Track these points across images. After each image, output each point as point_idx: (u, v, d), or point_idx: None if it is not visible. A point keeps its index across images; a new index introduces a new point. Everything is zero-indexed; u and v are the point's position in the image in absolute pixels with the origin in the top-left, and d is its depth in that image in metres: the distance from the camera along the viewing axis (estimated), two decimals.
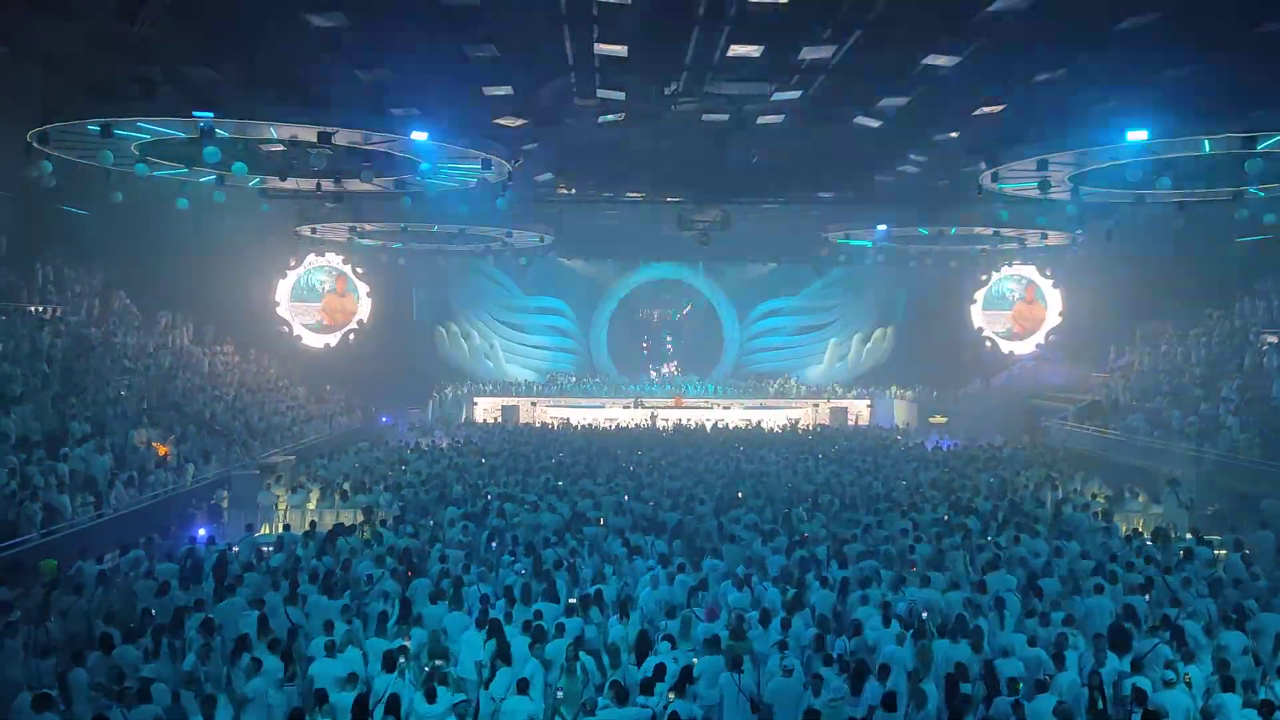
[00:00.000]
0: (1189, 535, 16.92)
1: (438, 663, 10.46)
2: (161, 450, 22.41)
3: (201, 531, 18.25)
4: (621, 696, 9.40)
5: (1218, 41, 15.02)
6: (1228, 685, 9.65)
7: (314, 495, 20.94)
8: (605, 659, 10.65)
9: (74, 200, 26.14)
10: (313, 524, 17.06)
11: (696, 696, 9.77)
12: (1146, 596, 12.82)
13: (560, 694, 9.73)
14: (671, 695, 9.45)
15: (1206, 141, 17.70)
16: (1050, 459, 26.99)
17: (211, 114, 17.42)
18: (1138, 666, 10.09)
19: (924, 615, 11.86)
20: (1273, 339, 29.08)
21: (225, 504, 21.04)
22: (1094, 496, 20.94)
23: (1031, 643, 11.04)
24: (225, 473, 22.82)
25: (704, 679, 10.09)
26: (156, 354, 29.75)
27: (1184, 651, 10.60)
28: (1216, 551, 15.78)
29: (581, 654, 10.32)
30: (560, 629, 11.10)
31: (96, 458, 19.49)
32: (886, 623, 11.38)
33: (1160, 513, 19.88)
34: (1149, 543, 16.17)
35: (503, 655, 10.39)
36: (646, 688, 9.54)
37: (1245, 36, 14.73)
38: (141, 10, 14.14)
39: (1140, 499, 20.99)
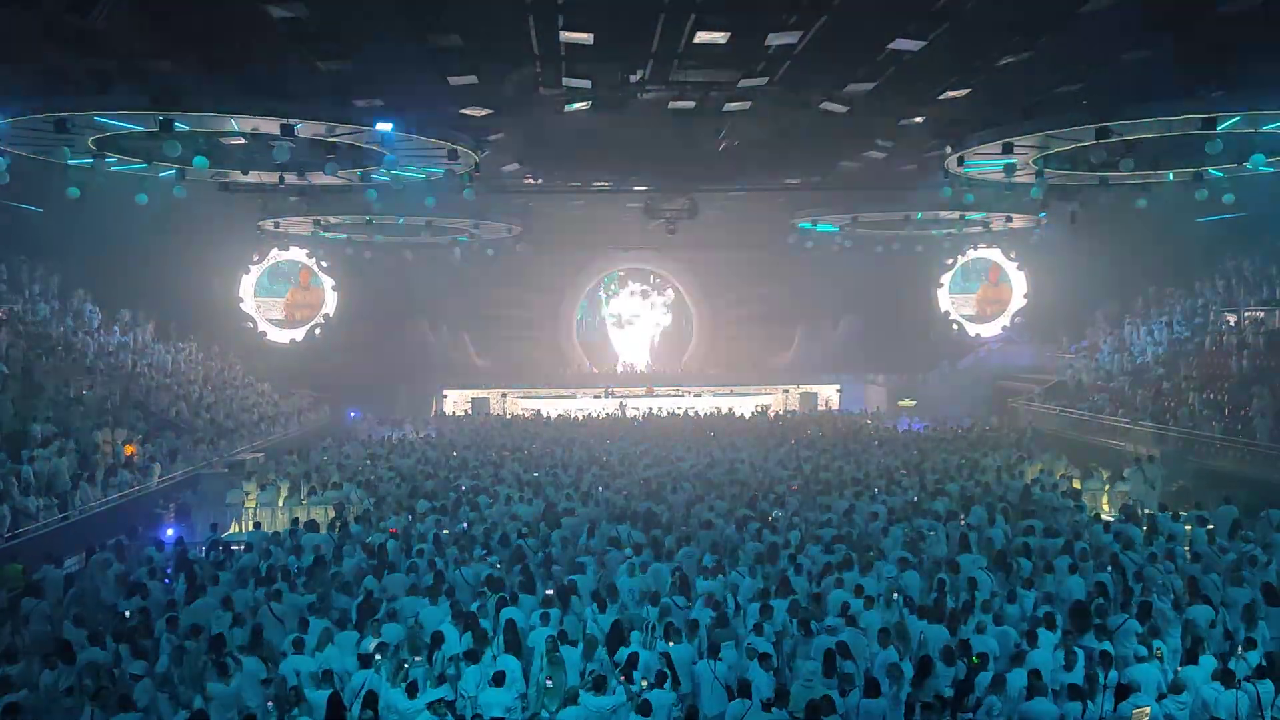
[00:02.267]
0: (1158, 512, 17.19)
1: (415, 658, 10.40)
2: (128, 450, 22.05)
3: (170, 532, 18.01)
4: (600, 685, 9.40)
5: (1180, 23, 15.18)
6: (1195, 657, 9.83)
7: (283, 492, 20.70)
8: (583, 649, 10.64)
9: (29, 197, 25.55)
10: (295, 520, 16.93)
11: (678, 685, 9.75)
12: (1109, 570, 13.00)
13: (549, 684, 9.72)
14: (645, 683, 9.47)
15: (1168, 123, 17.94)
16: (1018, 439, 27.31)
17: None
18: (1108, 638, 10.25)
19: (895, 596, 11.98)
20: (1232, 318, 29.60)
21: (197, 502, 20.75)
22: (1061, 476, 21.20)
23: (998, 620, 11.18)
24: (193, 472, 22.51)
25: (679, 667, 10.11)
26: (118, 353, 29.25)
27: (1153, 626, 10.79)
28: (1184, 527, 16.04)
29: (562, 646, 10.30)
30: (544, 618, 11.07)
31: (60, 460, 19.12)
32: (869, 605, 11.45)
33: (1126, 490, 20.18)
34: (1117, 520, 16.39)
35: (479, 648, 10.35)
36: (627, 676, 9.55)
37: (1206, 18, 14.92)
38: (97, 1, 13.80)
39: (1105, 476, 21.28)
